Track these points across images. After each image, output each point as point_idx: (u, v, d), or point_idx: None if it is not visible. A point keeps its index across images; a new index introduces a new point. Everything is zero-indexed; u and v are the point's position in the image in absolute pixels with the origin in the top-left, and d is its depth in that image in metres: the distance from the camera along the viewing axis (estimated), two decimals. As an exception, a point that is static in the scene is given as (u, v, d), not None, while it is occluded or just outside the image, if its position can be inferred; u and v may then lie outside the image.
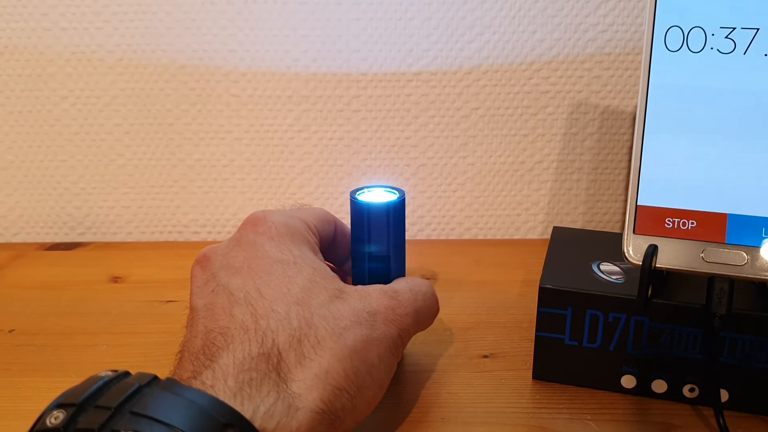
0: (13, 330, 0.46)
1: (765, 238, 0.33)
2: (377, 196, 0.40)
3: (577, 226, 0.62)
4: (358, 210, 0.39)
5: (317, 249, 0.37)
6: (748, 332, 0.35)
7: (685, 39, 0.35)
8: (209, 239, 0.62)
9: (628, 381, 0.38)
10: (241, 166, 0.60)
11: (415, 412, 0.37)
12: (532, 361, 0.39)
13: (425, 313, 0.36)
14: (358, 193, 0.40)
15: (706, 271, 0.34)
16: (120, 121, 0.59)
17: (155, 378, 0.27)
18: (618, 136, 0.59)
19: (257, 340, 0.29)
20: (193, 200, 0.62)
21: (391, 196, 0.39)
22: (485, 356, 0.42)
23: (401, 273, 0.40)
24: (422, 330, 0.37)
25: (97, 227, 0.62)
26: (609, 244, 0.42)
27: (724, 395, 0.36)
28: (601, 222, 0.62)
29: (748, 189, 0.34)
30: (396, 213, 0.39)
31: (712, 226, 0.34)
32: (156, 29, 0.57)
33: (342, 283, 0.34)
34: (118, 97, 0.59)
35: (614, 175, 0.61)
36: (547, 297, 0.37)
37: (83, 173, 0.61)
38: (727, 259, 0.34)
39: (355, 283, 0.41)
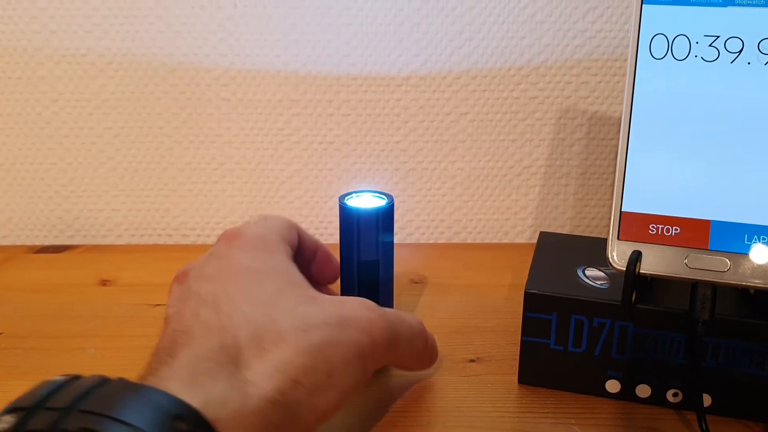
0: (1, 333, 0.46)
1: (747, 244, 0.34)
2: (366, 201, 0.40)
3: (565, 230, 0.62)
4: (348, 215, 0.39)
5: (291, 258, 0.36)
6: (730, 337, 0.35)
7: (670, 47, 0.35)
8: (199, 242, 0.63)
9: (612, 386, 0.38)
10: (231, 169, 0.61)
11: (401, 417, 0.37)
12: (517, 365, 0.40)
13: (404, 342, 0.36)
14: (346, 198, 0.40)
15: (689, 277, 0.34)
16: (110, 125, 0.59)
17: (107, 379, 0.27)
18: (606, 141, 0.60)
19: (218, 335, 0.29)
20: (183, 203, 0.62)
21: (380, 202, 0.40)
22: (471, 360, 0.42)
23: (390, 278, 0.41)
24: (400, 364, 0.38)
25: (87, 230, 0.62)
26: (595, 250, 0.42)
27: (707, 400, 0.37)
28: (589, 227, 0.63)
29: (731, 196, 0.34)
30: (385, 218, 0.39)
31: (695, 233, 0.35)
32: (146, 33, 0.57)
33: (316, 292, 0.34)
34: (108, 101, 0.59)
35: (602, 180, 0.61)
36: (532, 302, 0.38)
37: (73, 176, 0.61)
38: (710, 266, 0.34)
39: (343, 287, 0.42)
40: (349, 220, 0.39)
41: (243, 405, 0.27)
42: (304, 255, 0.41)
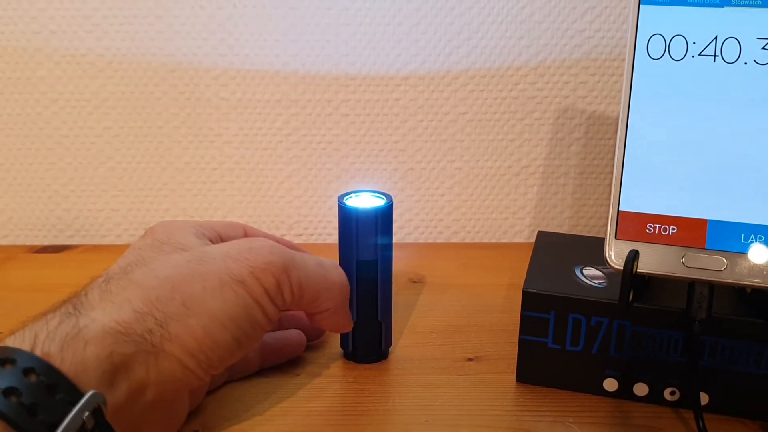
0: (0, 332, 0.46)
1: (744, 243, 0.34)
2: (365, 201, 0.40)
3: (564, 230, 0.63)
4: (347, 215, 0.39)
5: (205, 239, 0.36)
6: (727, 336, 0.35)
7: (667, 47, 0.35)
8: (198, 242, 0.63)
9: (610, 384, 0.38)
10: (231, 169, 0.61)
11: (399, 415, 0.37)
12: (515, 364, 0.40)
13: (313, 270, 0.35)
14: (345, 197, 0.40)
15: (686, 276, 0.34)
16: (110, 124, 0.59)
17: None
18: (604, 141, 0.60)
19: (70, 301, 0.30)
20: (183, 203, 0.62)
21: (379, 201, 0.40)
22: (470, 359, 0.42)
23: (388, 277, 0.41)
24: (323, 296, 0.36)
25: (87, 230, 0.62)
26: (592, 249, 0.42)
27: (704, 398, 0.37)
28: (587, 226, 0.63)
29: (728, 195, 0.34)
30: (384, 218, 0.39)
31: (692, 232, 0.35)
32: (146, 33, 0.57)
33: (197, 241, 0.34)
34: (107, 101, 0.59)
35: (600, 180, 0.61)
36: (530, 301, 0.38)
37: (73, 176, 0.61)
38: (707, 265, 0.34)
39: None
40: (347, 219, 0.39)
41: (76, 336, 0.28)
42: None
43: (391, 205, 0.39)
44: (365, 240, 0.39)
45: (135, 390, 0.29)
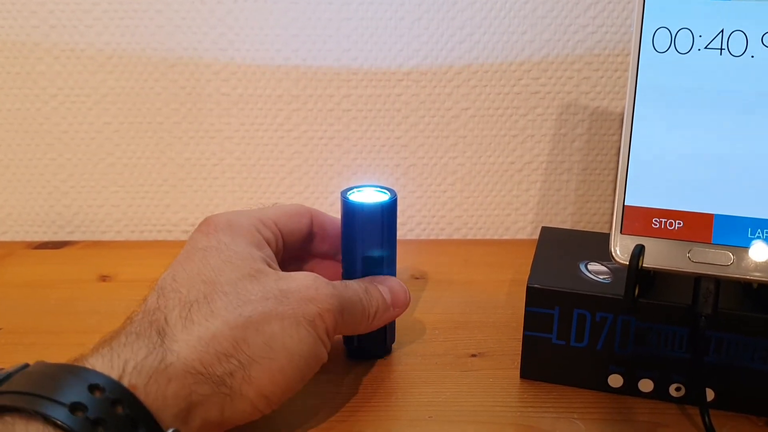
0: (1, 328, 0.46)
1: (751, 238, 0.34)
2: (368, 196, 0.40)
3: (567, 226, 0.62)
4: (350, 210, 0.39)
5: (264, 243, 0.37)
6: (733, 332, 0.35)
7: (673, 40, 0.35)
8: (199, 238, 0.62)
9: (614, 380, 0.38)
10: (231, 165, 0.60)
11: (403, 411, 0.37)
12: (519, 360, 0.39)
13: (353, 307, 0.36)
14: (349, 192, 0.40)
15: (692, 271, 0.34)
16: (109, 120, 0.59)
17: (26, 365, 0.28)
18: (607, 137, 0.60)
19: (151, 316, 0.30)
20: (183, 199, 0.61)
21: (383, 197, 0.39)
22: (473, 355, 0.42)
23: (393, 273, 0.40)
24: (359, 329, 0.38)
25: (86, 226, 0.62)
26: (597, 244, 0.42)
27: (710, 394, 0.36)
28: (590, 222, 0.62)
29: (735, 189, 0.34)
30: (388, 213, 0.39)
31: (698, 227, 0.34)
32: (146, 27, 0.57)
33: (264, 266, 0.34)
34: (107, 96, 0.58)
35: (603, 176, 0.61)
36: (534, 296, 0.38)
37: (72, 172, 0.61)
38: (714, 259, 0.34)
39: None
40: (351, 215, 0.38)
41: (161, 372, 0.28)
42: (322, 240, 0.42)
43: (395, 200, 0.39)
44: (370, 236, 0.39)
45: (205, 427, 0.30)
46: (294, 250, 0.40)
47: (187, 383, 0.28)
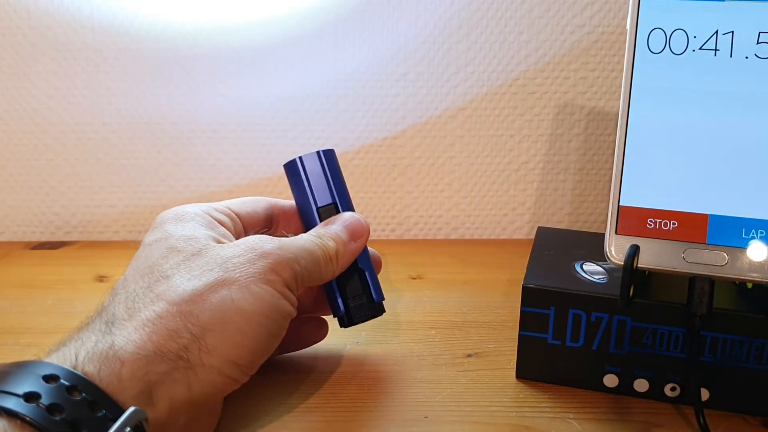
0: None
1: (745, 238, 0.34)
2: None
3: (563, 226, 0.62)
4: (292, 167, 0.40)
5: (215, 223, 0.37)
6: (728, 331, 0.35)
7: (668, 41, 0.35)
8: (196, 238, 0.62)
9: (610, 380, 0.38)
10: (228, 165, 0.60)
11: (399, 411, 0.37)
12: (515, 360, 0.40)
13: (313, 253, 0.36)
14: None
15: (687, 271, 0.34)
16: (107, 120, 0.59)
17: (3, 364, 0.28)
18: (603, 137, 0.60)
19: (102, 315, 0.31)
20: (180, 199, 0.61)
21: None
22: (469, 355, 0.42)
23: None
24: (329, 272, 0.37)
25: (84, 226, 0.62)
26: (592, 244, 0.42)
27: (705, 394, 0.37)
28: (586, 222, 0.63)
29: (729, 190, 0.34)
30: (328, 158, 0.40)
31: (693, 227, 0.34)
32: (142, 26, 0.57)
33: (208, 243, 0.34)
34: (104, 96, 0.59)
35: (600, 176, 0.61)
36: (530, 296, 0.38)
37: (69, 172, 0.61)
38: (708, 260, 0.34)
39: None
40: (295, 171, 0.39)
41: (112, 357, 0.28)
42: (286, 223, 0.41)
43: (332, 150, 0.40)
44: (317, 184, 0.39)
45: (177, 407, 0.29)
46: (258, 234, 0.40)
47: (141, 364, 0.28)
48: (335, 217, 0.39)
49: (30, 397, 0.25)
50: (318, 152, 0.39)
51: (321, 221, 0.39)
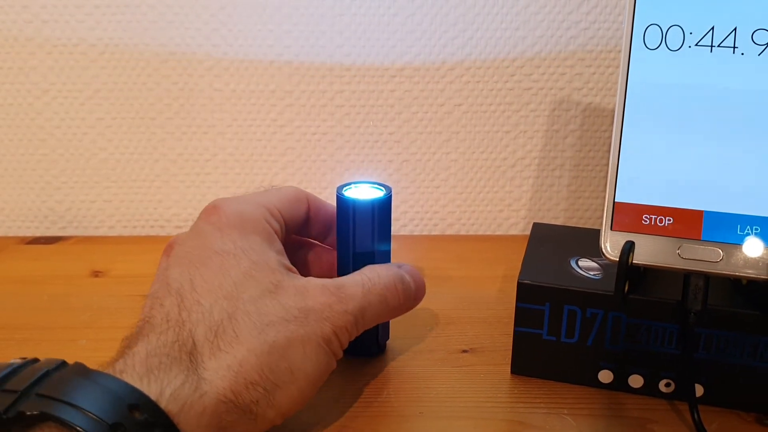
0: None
1: (740, 235, 0.34)
2: (364, 192, 0.40)
3: (559, 222, 0.62)
4: (344, 206, 0.39)
5: (275, 237, 0.36)
6: (722, 328, 0.35)
7: (664, 37, 0.35)
8: (192, 234, 0.62)
9: (605, 376, 0.38)
10: (224, 160, 0.60)
11: (393, 407, 0.37)
12: (510, 356, 0.40)
13: (377, 308, 0.36)
14: (344, 188, 0.40)
15: (682, 267, 0.34)
16: (102, 115, 0.59)
17: (64, 363, 0.27)
18: (599, 133, 0.60)
19: (175, 330, 0.30)
20: (176, 195, 0.61)
21: (378, 193, 0.39)
22: (464, 351, 0.42)
23: None
24: (384, 319, 0.38)
25: (79, 221, 0.62)
26: (587, 241, 0.42)
27: (699, 390, 0.37)
28: (582, 218, 0.63)
29: (724, 186, 0.34)
30: (382, 210, 0.39)
31: (688, 223, 0.34)
32: (139, 23, 0.57)
33: (282, 277, 0.34)
34: (100, 91, 0.58)
35: (596, 172, 0.61)
36: (525, 292, 0.38)
37: (65, 167, 0.60)
38: (703, 256, 0.34)
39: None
40: (346, 211, 0.39)
41: (196, 401, 0.28)
42: (317, 225, 0.41)
43: (390, 196, 0.39)
44: (364, 232, 0.39)
45: None
46: (291, 235, 0.40)
47: (220, 412, 0.29)
48: (405, 267, 0.39)
49: (116, 429, 0.25)
50: (374, 202, 0.38)
51: (355, 263, 0.39)
